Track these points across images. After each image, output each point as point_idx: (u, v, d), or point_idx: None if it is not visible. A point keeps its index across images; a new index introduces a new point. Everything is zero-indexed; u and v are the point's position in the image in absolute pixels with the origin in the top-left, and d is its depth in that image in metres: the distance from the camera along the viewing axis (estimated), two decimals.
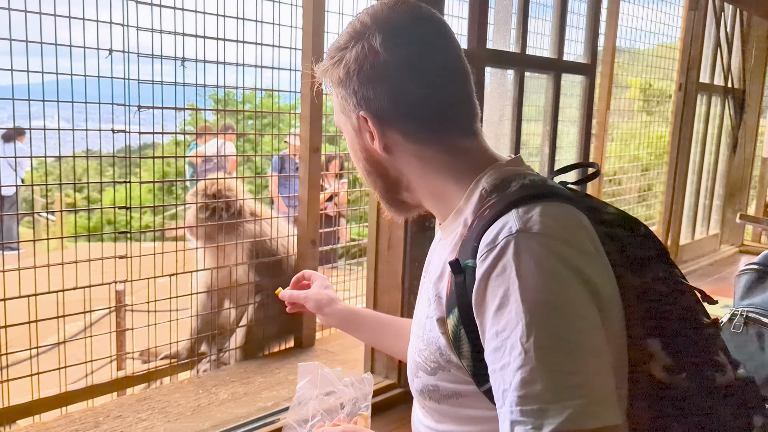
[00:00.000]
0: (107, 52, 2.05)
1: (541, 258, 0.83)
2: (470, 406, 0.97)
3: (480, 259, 0.86)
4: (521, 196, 0.90)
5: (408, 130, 1.01)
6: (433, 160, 1.02)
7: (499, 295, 0.83)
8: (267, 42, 2.43)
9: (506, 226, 0.86)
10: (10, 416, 1.99)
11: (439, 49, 1.03)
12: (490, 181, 0.98)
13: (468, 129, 1.04)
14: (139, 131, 2.14)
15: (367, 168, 1.08)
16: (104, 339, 2.33)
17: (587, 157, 3.13)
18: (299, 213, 2.63)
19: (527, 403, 0.78)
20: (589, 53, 3.02)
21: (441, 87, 1.01)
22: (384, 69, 0.99)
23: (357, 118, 1.02)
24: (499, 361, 0.82)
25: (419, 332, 1.02)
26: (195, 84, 2.26)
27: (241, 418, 1.99)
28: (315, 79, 1.13)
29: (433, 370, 0.98)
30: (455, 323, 0.91)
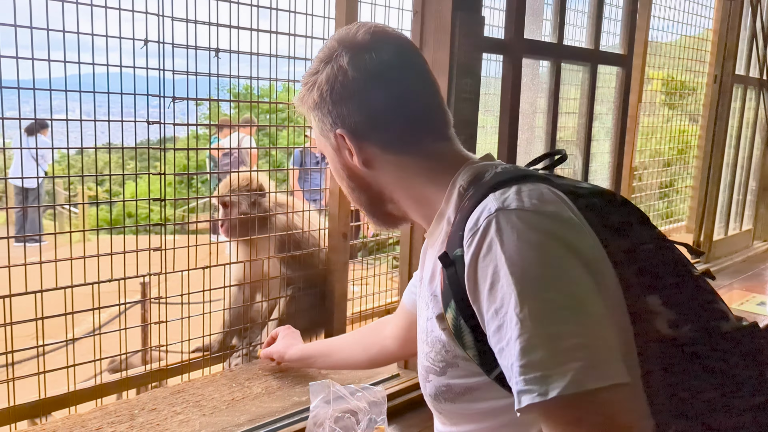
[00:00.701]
0: (142, 42, 2.03)
1: (522, 230, 0.85)
2: (485, 398, 0.98)
3: (466, 244, 0.89)
4: (496, 182, 0.95)
5: (383, 141, 1.06)
6: (411, 167, 1.07)
7: (489, 274, 0.85)
8: (300, 33, 2.40)
9: (486, 208, 0.90)
10: (46, 408, 1.99)
11: (404, 62, 1.08)
12: (465, 178, 1.03)
13: (441, 134, 1.10)
14: (174, 122, 2.12)
15: (350, 185, 1.13)
16: (134, 331, 2.33)
17: (622, 150, 3.07)
18: (330, 205, 2.61)
19: (529, 372, 0.79)
20: (625, 44, 2.96)
21: (409, 97, 1.07)
22: (353, 85, 1.04)
23: (335, 136, 1.08)
24: (504, 339, 0.83)
25: (423, 337, 1.05)
26: (229, 75, 2.24)
27: (277, 413, 1.97)
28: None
29: (443, 369, 1.00)
30: (454, 315, 0.93)
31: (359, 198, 1.14)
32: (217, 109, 4.27)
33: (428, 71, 1.10)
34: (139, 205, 2.06)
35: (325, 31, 2.48)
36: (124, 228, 2.11)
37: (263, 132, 5.43)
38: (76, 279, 1.95)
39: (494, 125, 2.51)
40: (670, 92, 4.88)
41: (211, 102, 2.34)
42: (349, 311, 2.79)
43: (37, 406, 1.96)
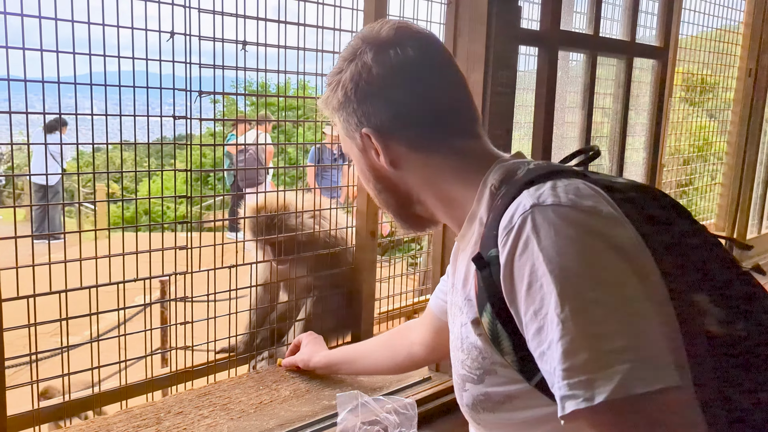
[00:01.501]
0: (168, 35, 1.97)
1: (560, 227, 0.81)
2: (526, 407, 0.93)
3: (501, 243, 0.85)
4: (530, 178, 0.90)
5: (410, 139, 1.02)
6: (440, 166, 1.03)
7: (526, 274, 0.81)
8: (328, 26, 2.33)
9: (520, 205, 0.85)
10: (70, 411, 1.94)
11: (430, 58, 1.04)
12: (496, 177, 0.98)
13: (469, 131, 1.04)
14: (200, 118, 2.06)
15: (377, 187, 1.09)
16: (155, 331, 2.28)
17: (657, 147, 2.97)
18: (358, 203, 2.54)
19: (573, 375, 0.74)
20: (662, 35, 2.85)
21: (435, 93, 1.02)
22: (378, 82, 1.00)
23: (360, 136, 1.03)
24: (545, 342, 0.78)
25: (457, 344, 1.00)
26: (256, 69, 2.17)
27: (307, 417, 1.91)
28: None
29: (480, 377, 0.95)
30: (490, 319, 0.88)
31: (386, 200, 1.10)
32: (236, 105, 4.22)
33: (455, 66, 1.06)
34: (157, 202, 2.00)
35: (353, 24, 2.41)
36: (150, 226, 2.05)
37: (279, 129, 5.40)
38: (98, 276, 1.90)
39: (526, 121, 2.42)
40: (692, 87, 4.76)
41: (225, 98, 2.27)
42: (376, 311, 2.72)
43: (61, 408, 1.91)
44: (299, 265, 2.41)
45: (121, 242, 1.94)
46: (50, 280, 1.81)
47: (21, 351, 1.84)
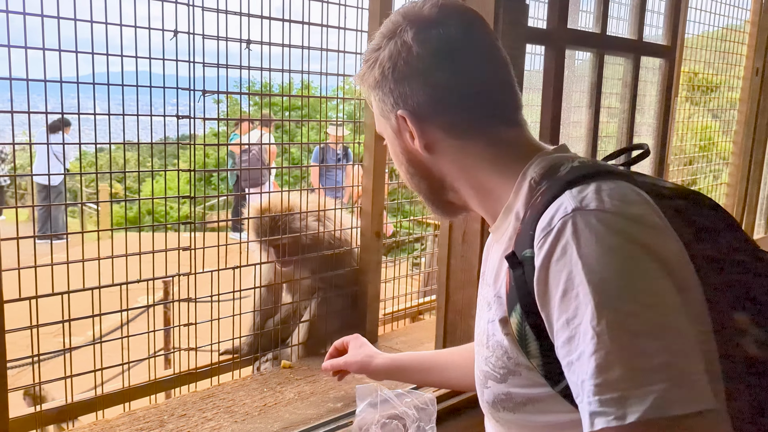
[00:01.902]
0: (171, 33, 1.95)
1: (603, 234, 0.77)
2: (548, 411, 0.90)
3: (537, 245, 0.81)
4: (573, 177, 0.85)
5: (448, 124, 0.97)
6: (477, 154, 0.98)
7: (562, 280, 0.77)
8: (333, 24, 2.32)
9: (561, 207, 0.81)
10: (73, 413, 1.93)
11: (473, 38, 0.98)
12: (537, 171, 0.93)
13: (510, 119, 0.99)
14: (204, 117, 2.05)
15: (410, 171, 1.04)
16: (158, 332, 2.26)
17: (665, 147, 2.94)
18: (363, 204, 2.52)
19: (606, 392, 0.70)
20: (669, 34, 2.83)
21: (478, 76, 0.97)
22: (418, 62, 0.95)
23: (396, 118, 0.99)
24: (574, 351, 0.75)
25: (483, 340, 0.96)
26: (260, 68, 2.15)
27: (312, 420, 1.88)
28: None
29: (503, 376, 0.92)
30: (519, 321, 0.85)
31: (418, 185, 1.05)
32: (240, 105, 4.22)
33: (500, 49, 0.99)
34: (160, 202, 1.98)
35: (358, 23, 2.39)
36: (153, 226, 2.04)
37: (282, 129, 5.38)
38: (102, 276, 1.88)
39: (533, 120, 2.40)
40: (695, 86, 4.73)
41: (228, 98, 2.25)
42: (380, 312, 2.70)
43: (64, 411, 1.89)
44: (303, 267, 2.39)
45: (124, 242, 1.92)
46: (53, 281, 1.80)
47: (24, 350, 1.82)
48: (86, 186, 7.77)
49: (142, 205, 2.18)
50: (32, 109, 1.72)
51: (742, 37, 4.51)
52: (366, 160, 2.49)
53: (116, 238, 2.01)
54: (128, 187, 7.81)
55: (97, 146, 1.92)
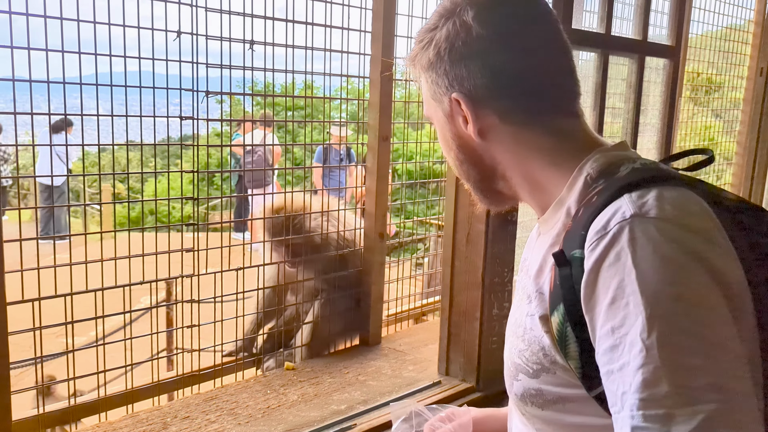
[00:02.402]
0: (175, 34, 1.94)
1: (660, 245, 0.74)
2: (578, 412, 0.87)
3: (589, 248, 0.78)
4: (633, 180, 0.81)
5: (505, 109, 0.93)
6: (532, 143, 0.93)
7: (612, 287, 0.75)
8: (336, 24, 2.31)
9: (618, 211, 0.78)
10: (76, 415, 1.92)
11: (537, 20, 0.94)
12: (595, 167, 0.89)
13: (570, 109, 0.95)
14: (207, 118, 2.04)
15: (459, 157, 1.00)
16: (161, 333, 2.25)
17: (669, 148, 2.93)
18: (367, 205, 2.51)
19: (651, 407, 0.68)
20: (673, 34, 2.81)
21: (540, 60, 0.92)
22: (478, 43, 0.91)
23: (449, 101, 0.95)
24: (616, 361, 0.73)
25: (518, 331, 0.94)
26: (263, 68, 2.15)
27: (315, 422, 1.88)
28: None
29: (536, 372, 0.90)
30: (560, 321, 0.83)
31: (468, 172, 1.00)
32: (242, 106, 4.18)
33: (562, 33, 0.95)
34: (162, 202, 1.97)
35: (362, 23, 2.38)
36: (156, 228, 2.03)
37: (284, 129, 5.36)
38: (104, 276, 1.88)
39: None
40: (698, 86, 4.71)
41: (231, 98, 2.24)
42: (384, 314, 2.69)
43: (67, 412, 1.89)
44: (308, 268, 2.38)
45: (127, 243, 1.91)
46: (55, 282, 1.79)
47: (26, 349, 1.81)
48: (89, 186, 7.76)
49: (144, 206, 2.17)
50: (35, 110, 1.72)
51: (744, 36, 4.49)
52: (369, 161, 2.48)
53: (119, 238, 2.00)
54: (131, 188, 7.80)
55: (99, 147, 1.91)
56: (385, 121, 2.42)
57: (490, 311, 2.11)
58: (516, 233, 2.15)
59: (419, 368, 2.31)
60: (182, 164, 2.29)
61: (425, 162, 3.01)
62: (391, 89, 2.44)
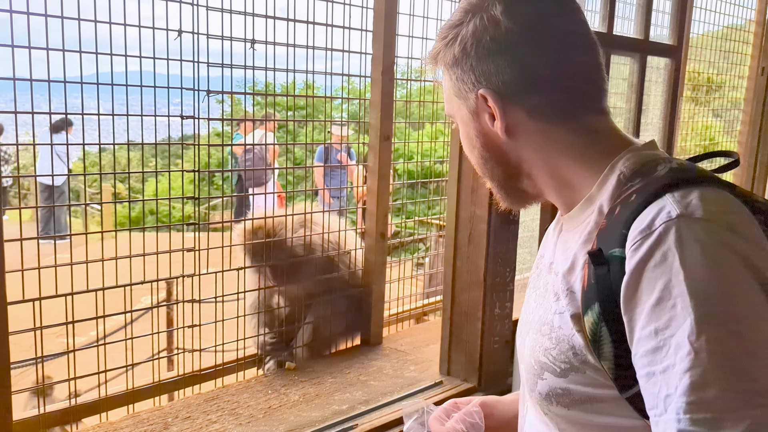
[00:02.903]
0: (176, 33, 1.94)
1: (709, 246, 0.73)
2: (607, 413, 0.86)
3: (632, 247, 0.77)
4: (674, 180, 0.80)
5: (533, 106, 0.91)
6: (561, 141, 0.92)
7: (658, 288, 0.73)
8: (338, 23, 2.30)
9: (663, 210, 0.76)
10: (77, 415, 1.91)
11: (567, 15, 0.92)
12: (628, 165, 0.87)
13: (598, 106, 0.93)
14: (208, 117, 2.03)
15: (483, 155, 0.97)
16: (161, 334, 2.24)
17: (671, 147, 2.92)
18: (368, 204, 2.50)
19: (698, 411, 0.67)
20: (675, 33, 2.81)
21: (570, 56, 0.91)
22: (506, 38, 0.89)
23: (476, 97, 0.93)
24: (659, 363, 0.72)
25: (544, 329, 0.91)
26: (264, 68, 2.14)
27: (317, 422, 1.87)
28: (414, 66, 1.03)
29: (564, 371, 0.87)
30: (595, 320, 0.81)
31: (492, 170, 0.98)
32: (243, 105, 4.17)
33: (590, 28, 0.94)
34: (162, 202, 1.97)
35: (363, 22, 2.38)
36: (157, 227, 2.02)
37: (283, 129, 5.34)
38: (105, 276, 1.87)
39: None
40: (698, 86, 4.70)
41: (231, 98, 2.24)
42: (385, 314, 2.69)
43: (68, 412, 1.88)
44: (295, 281, 2.35)
45: (128, 243, 1.91)
46: (56, 282, 1.78)
47: (26, 350, 1.81)
48: (89, 186, 7.76)
49: (145, 205, 2.17)
50: (35, 110, 1.71)
51: (744, 36, 4.49)
52: (371, 161, 2.47)
53: (119, 238, 2.00)
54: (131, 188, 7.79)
55: (100, 146, 1.90)
56: (386, 120, 2.41)
57: (492, 311, 2.10)
58: (518, 233, 2.14)
59: (421, 368, 2.30)
60: (183, 164, 2.29)
61: (425, 162, 3.00)
62: (392, 89, 2.43)
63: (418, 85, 2.92)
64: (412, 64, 2.72)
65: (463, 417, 1.08)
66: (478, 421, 1.07)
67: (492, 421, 1.11)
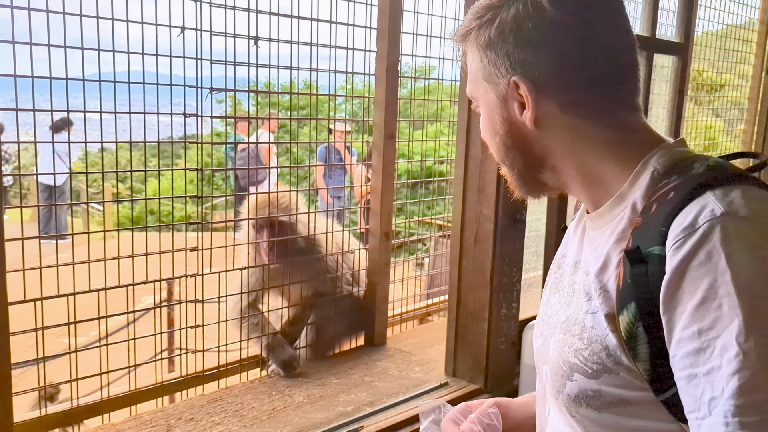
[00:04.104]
0: (179, 30, 1.91)
1: (757, 245, 0.71)
2: (639, 416, 0.83)
3: (674, 245, 0.74)
4: (713, 178, 0.78)
5: (568, 100, 0.88)
6: (593, 137, 0.89)
7: (702, 287, 0.71)
8: (342, 20, 2.28)
9: (706, 208, 0.74)
10: (78, 416, 1.89)
11: (614, 11, 0.90)
12: (662, 162, 0.85)
13: (632, 103, 0.91)
14: (212, 115, 2.01)
15: (506, 143, 0.94)
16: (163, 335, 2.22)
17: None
18: (372, 204, 2.48)
19: (748, 414, 0.66)
20: (681, 31, 2.79)
21: (613, 51, 0.88)
22: (550, 28, 0.86)
23: (507, 84, 0.89)
24: (702, 365, 0.70)
25: (574, 330, 0.89)
26: (268, 65, 2.12)
27: (322, 424, 1.85)
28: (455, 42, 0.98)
29: (596, 372, 0.85)
30: (631, 320, 0.79)
31: (513, 160, 0.95)
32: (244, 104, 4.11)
33: (631, 25, 0.91)
34: (163, 201, 1.95)
35: (367, 19, 2.36)
36: (160, 227, 2.00)
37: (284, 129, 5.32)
38: (107, 275, 1.85)
39: None
40: (699, 85, 4.68)
41: (232, 98, 2.21)
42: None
43: (69, 414, 1.86)
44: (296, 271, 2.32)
45: (129, 242, 1.88)
46: (58, 282, 1.76)
47: (27, 349, 1.78)
48: (90, 186, 7.73)
49: (146, 204, 2.15)
50: (37, 110, 1.69)
51: (746, 35, 4.46)
52: (375, 160, 2.45)
53: (121, 237, 1.98)
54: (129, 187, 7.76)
55: (102, 145, 1.88)
56: (390, 118, 2.39)
57: (499, 311, 2.08)
58: (525, 232, 2.12)
59: (426, 369, 2.28)
60: (185, 163, 2.27)
61: (426, 161, 2.98)
62: (396, 86, 2.41)
63: (421, 84, 2.90)
64: (416, 62, 2.70)
65: (479, 417, 1.05)
66: (495, 422, 1.04)
67: (505, 422, 1.09)
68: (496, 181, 1.98)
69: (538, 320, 1.04)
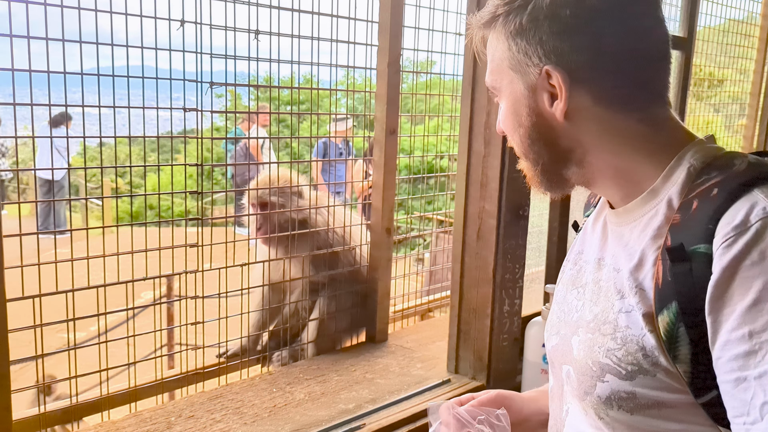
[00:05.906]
0: (178, 24, 1.89)
1: None
2: (675, 419, 0.81)
3: (723, 244, 0.73)
4: (759, 175, 0.76)
5: (603, 92, 0.85)
6: (625, 131, 0.87)
7: (755, 288, 0.70)
8: (343, 14, 2.25)
9: (757, 206, 0.73)
10: (78, 413, 1.88)
11: (653, 1, 0.87)
12: (698, 158, 0.83)
13: (664, 97, 0.89)
14: (212, 110, 1.99)
15: (531, 135, 0.90)
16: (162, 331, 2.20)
17: None
18: (374, 200, 2.46)
19: None
20: (685, 25, 2.76)
21: (649, 43, 0.86)
22: (589, 16, 0.83)
23: (539, 73, 0.85)
24: (753, 368, 0.69)
25: (605, 329, 0.86)
26: (269, 59, 2.09)
27: (323, 422, 1.83)
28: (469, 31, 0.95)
29: (631, 374, 0.82)
30: (672, 320, 0.77)
31: (538, 153, 0.91)
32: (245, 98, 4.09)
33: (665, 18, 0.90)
34: (163, 197, 1.93)
35: (368, 13, 2.33)
36: (159, 222, 1.98)
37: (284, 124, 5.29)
38: (106, 271, 1.83)
39: None
40: (699, 80, 4.65)
41: (231, 92, 2.19)
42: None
43: (69, 411, 1.84)
44: (296, 260, 2.32)
45: (129, 238, 1.86)
46: (56, 277, 1.74)
47: (26, 345, 1.77)
48: (89, 181, 7.71)
49: (146, 200, 2.13)
50: (35, 105, 1.66)
51: (747, 29, 4.43)
52: (376, 155, 2.43)
53: (120, 232, 1.96)
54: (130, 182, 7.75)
55: (101, 140, 1.86)
56: (392, 113, 2.37)
57: (501, 308, 2.06)
58: (528, 228, 2.10)
59: (428, 366, 2.26)
60: (185, 158, 2.24)
61: (427, 156, 2.96)
62: (398, 81, 2.39)
63: (423, 78, 2.87)
64: (418, 56, 2.67)
65: (488, 419, 1.04)
66: (504, 423, 1.03)
67: (511, 416, 1.07)
68: (499, 176, 1.96)
69: (551, 318, 1.01)
